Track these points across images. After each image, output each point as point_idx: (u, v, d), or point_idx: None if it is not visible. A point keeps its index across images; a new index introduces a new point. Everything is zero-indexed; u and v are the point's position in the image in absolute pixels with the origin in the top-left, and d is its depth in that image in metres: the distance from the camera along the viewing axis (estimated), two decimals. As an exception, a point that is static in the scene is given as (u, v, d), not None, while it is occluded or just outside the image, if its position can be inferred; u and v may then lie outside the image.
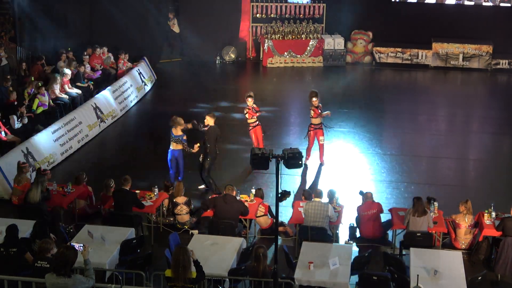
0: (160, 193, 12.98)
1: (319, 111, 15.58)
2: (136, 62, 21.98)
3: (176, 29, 24.83)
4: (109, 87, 19.44)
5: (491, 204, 12.28)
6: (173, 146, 14.41)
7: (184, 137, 14.31)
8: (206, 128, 14.40)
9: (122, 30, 22.90)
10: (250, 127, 15.82)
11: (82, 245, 9.14)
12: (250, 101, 15.61)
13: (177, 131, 14.30)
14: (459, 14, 24.57)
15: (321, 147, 15.78)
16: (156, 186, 13.02)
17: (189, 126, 14.52)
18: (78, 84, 19.62)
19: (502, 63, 24.35)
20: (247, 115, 15.69)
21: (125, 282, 9.72)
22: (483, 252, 11.83)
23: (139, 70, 21.53)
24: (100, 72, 20.96)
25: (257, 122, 15.80)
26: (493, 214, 12.09)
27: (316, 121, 15.66)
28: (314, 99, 15.56)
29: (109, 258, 10.54)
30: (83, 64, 20.53)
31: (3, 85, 18.08)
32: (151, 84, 22.04)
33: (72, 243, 9.68)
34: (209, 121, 14.36)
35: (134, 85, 20.71)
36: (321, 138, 15.68)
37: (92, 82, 20.11)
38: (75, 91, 19.14)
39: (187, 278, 8.88)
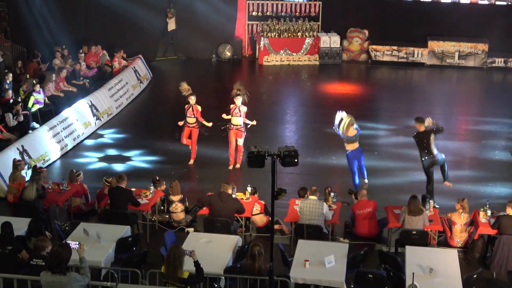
0: (156, 191, 12.96)
1: (238, 112, 14.83)
2: (132, 59, 21.95)
3: (172, 25, 24.75)
4: (104, 85, 19.42)
5: (486, 202, 12.30)
6: (351, 147, 13.94)
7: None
8: None
9: (118, 28, 22.85)
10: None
11: (77, 243, 9.13)
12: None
13: (348, 132, 13.78)
14: (455, 12, 24.55)
15: (239, 149, 15.17)
16: (151, 184, 13.00)
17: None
18: (74, 81, 19.60)
19: (498, 61, 24.34)
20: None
21: (120, 280, 9.73)
22: (479, 250, 11.85)
23: (134, 68, 21.50)
24: (96, 69, 20.94)
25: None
26: (489, 212, 12.09)
27: (234, 120, 15.00)
28: (237, 97, 14.91)
29: (105, 256, 10.53)
30: (79, 62, 20.50)
31: (4, 80, 18.07)
32: (146, 82, 22.00)
33: (68, 241, 9.67)
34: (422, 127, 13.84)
35: (130, 83, 20.67)
36: (239, 140, 15.05)
37: (87, 80, 20.09)
38: (70, 88, 19.14)
39: (176, 277, 8.86)
